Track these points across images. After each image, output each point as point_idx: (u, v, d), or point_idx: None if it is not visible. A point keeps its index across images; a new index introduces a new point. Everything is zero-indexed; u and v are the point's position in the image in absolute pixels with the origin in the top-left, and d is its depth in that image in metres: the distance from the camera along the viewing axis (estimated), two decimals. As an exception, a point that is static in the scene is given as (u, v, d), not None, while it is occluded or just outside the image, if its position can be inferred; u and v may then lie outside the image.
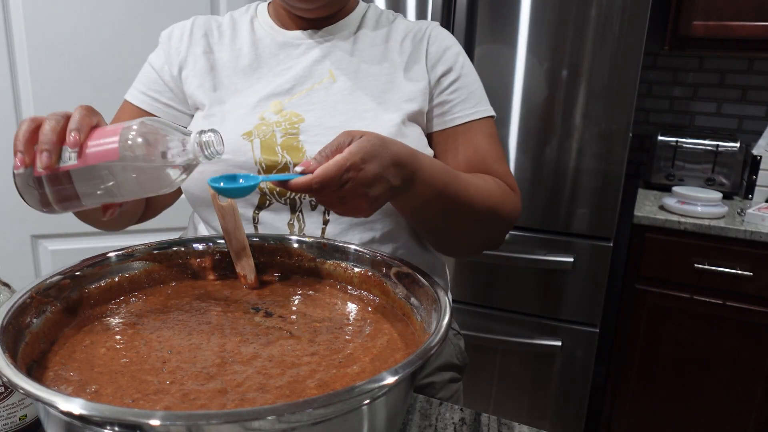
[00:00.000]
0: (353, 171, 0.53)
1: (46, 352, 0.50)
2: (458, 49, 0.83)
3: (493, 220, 0.75)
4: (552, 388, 1.86)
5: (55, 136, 0.51)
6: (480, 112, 0.80)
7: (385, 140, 0.57)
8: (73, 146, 0.51)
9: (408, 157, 0.60)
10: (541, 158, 1.71)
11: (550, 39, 1.63)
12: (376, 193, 0.56)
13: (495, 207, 0.73)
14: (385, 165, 0.56)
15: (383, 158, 0.55)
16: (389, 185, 0.57)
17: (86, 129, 0.52)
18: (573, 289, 1.77)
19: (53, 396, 0.36)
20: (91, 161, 0.51)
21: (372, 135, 0.56)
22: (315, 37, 0.81)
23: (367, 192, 0.55)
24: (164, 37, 0.83)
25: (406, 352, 0.52)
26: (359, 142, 0.54)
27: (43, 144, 0.51)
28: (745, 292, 1.66)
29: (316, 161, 0.54)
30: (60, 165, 0.51)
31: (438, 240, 0.77)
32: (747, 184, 1.93)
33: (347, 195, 0.54)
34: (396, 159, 0.57)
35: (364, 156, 0.53)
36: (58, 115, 0.53)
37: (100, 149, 0.51)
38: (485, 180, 0.75)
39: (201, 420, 0.34)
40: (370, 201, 0.56)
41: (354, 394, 0.37)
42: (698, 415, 1.79)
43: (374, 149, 0.54)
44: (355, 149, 0.53)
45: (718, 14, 1.75)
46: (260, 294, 0.64)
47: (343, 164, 0.52)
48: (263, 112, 0.76)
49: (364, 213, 0.57)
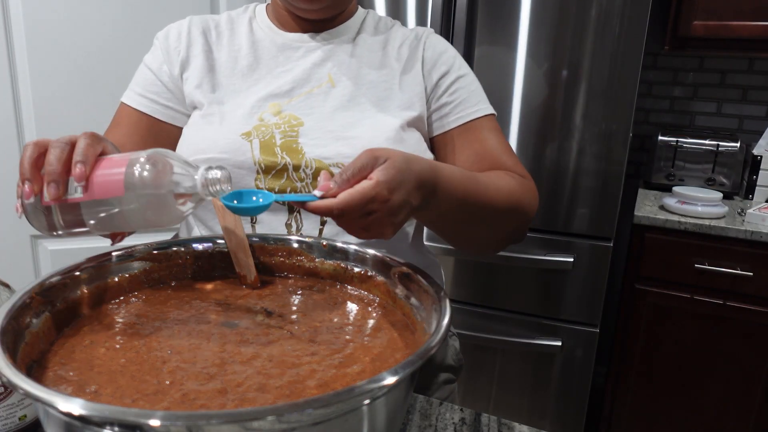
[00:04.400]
0: (378, 202, 0.51)
1: (45, 352, 0.50)
2: (454, 53, 0.83)
3: (516, 214, 0.74)
4: (552, 388, 1.86)
5: (60, 166, 0.51)
6: (481, 110, 0.80)
7: (409, 160, 0.55)
8: (79, 179, 0.50)
9: (429, 174, 0.58)
10: (541, 158, 1.71)
11: (550, 39, 1.63)
12: (400, 219, 0.55)
13: (517, 202, 0.73)
14: (409, 190, 0.54)
15: (409, 183, 0.54)
16: (411, 207, 0.56)
17: (92, 160, 0.51)
18: (573, 289, 1.77)
19: (53, 396, 0.36)
20: (97, 195, 0.50)
21: (397, 158, 0.53)
22: (315, 40, 0.81)
23: (392, 221, 0.54)
24: (161, 38, 0.82)
25: (406, 352, 0.52)
26: (386, 171, 0.52)
27: (50, 175, 0.51)
28: (745, 292, 1.66)
29: (336, 184, 0.52)
30: (67, 197, 0.51)
31: (462, 242, 0.76)
32: (747, 184, 1.93)
33: (371, 224, 0.53)
34: (419, 180, 0.56)
35: (391, 186, 0.52)
36: (62, 142, 0.52)
37: (105, 182, 0.50)
38: (502, 177, 0.74)
39: (201, 420, 0.34)
40: (393, 227, 0.55)
41: (354, 394, 0.37)
42: (698, 415, 1.79)
43: (401, 176, 0.53)
44: (383, 178, 0.51)
45: (718, 14, 1.75)
46: (260, 294, 0.64)
47: (368, 194, 0.50)
48: (262, 113, 0.76)
49: (386, 237, 0.56)
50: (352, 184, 0.52)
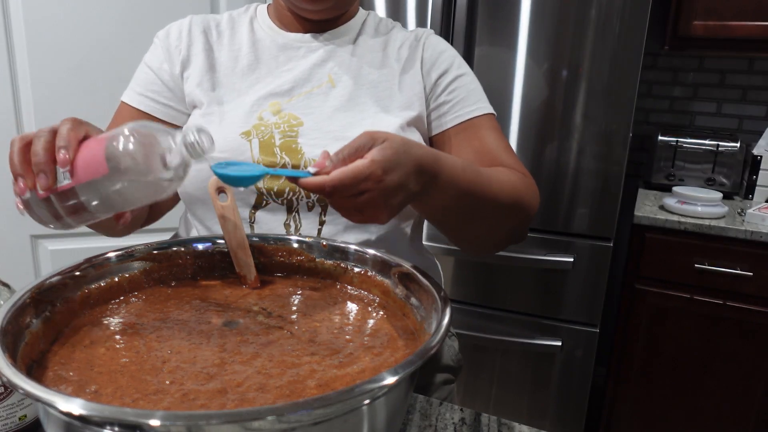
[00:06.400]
0: (372, 181, 0.50)
1: (45, 352, 0.50)
2: (453, 52, 0.83)
3: (518, 210, 0.73)
4: (552, 388, 1.86)
5: (46, 155, 0.50)
6: (481, 109, 0.80)
7: (408, 144, 0.54)
8: (63, 165, 0.50)
9: (430, 160, 0.57)
10: (541, 158, 1.71)
11: (550, 39, 1.63)
12: (395, 202, 0.53)
13: (520, 198, 0.72)
14: (407, 173, 0.53)
15: (406, 166, 0.52)
16: (409, 192, 0.54)
17: (74, 144, 0.50)
18: (573, 289, 1.77)
19: (53, 396, 0.36)
20: (83, 178, 0.50)
21: (395, 139, 0.52)
22: (316, 41, 0.81)
23: (386, 203, 0.52)
24: (161, 37, 0.82)
25: (406, 352, 0.52)
26: (382, 150, 0.51)
27: (37, 166, 0.50)
28: (745, 292, 1.66)
29: (332, 162, 0.51)
30: (57, 185, 0.50)
31: (464, 239, 0.76)
32: (747, 184, 1.93)
33: (364, 205, 0.52)
34: (418, 164, 0.54)
35: (385, 165, 0.50)
36: (45, 131, 0.51)
37: (88, 164, 0.49)
38: (504, 172, 0.73)
39: (201, 420, 0.34)
40: (388, 210, 0.53)
41: (354, 394, 0.37)
42: (698, 415, 1.79)
43: (397, 157, 0.51)
44: (378, 157, 0.50)
45: (718, 14, 1.75)
46: (260, 294, 0.64)
47: (361, 172, 0.49)
48: (261, 112, 0.76)
49: (381, 221, 0.55)
50: (347, 163, 0.51)
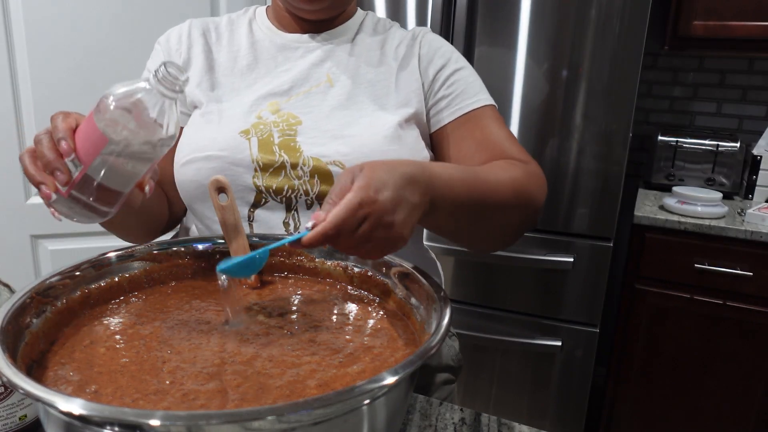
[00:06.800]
0: (367, 206, 0.49)
1: (45, 352, 0.50)
2: (451, 48, 0.83)
3: (524, 202, 0.71)
4: (552, 388, 1.86)
5: (53, 153, 0.53)
6: (481, 101, 0.80)
7: (388, 162, 0.53)
8: (67, 154, 0.52)
9: (418, 170, 0.55)
10: (541, 158, 1.71)
11: (550, 39, 1.63)
12: (401, 217, 0.52)
13: (522, 191, 0.70)
14: (398, 186, 0.51)
15: (394, 180, 0.51)
16: (410, 204, 0.53)
17: (70, 133, 0.53)
18: (573, 289, 1.77)
19: (53, 396, 0.36)
20: (91, 157, 0.52)
21: (373, 163, 0.52)
22: (314, 41, 0.82)
23: (392, 220, 0.51)
24: (162, 42, 0.84)
25: (406, 352, 0.52)
26: (363, 176, 0.50)
27: (48, 166, 0.53)
28: (745, 292, 1.66)
29: (325, 211, 0.50)
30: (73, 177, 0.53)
31: (476, 242, 0.74)
32: (747, 184, 1.93)
33: (371, 232, 0.50)
34: (406, 175, 0.53)
35: (374, 186, 0.50)
36: (42, 135, 0.54)
37: (89, 143, 0.52)
38: (503, 167, 0.71)
39: (201, 420, 0.34)
40: (400, 227, 0.52)
41: (354, 394, 0.37)
42: (698, 415, 1.79)
43: (380, 175, 0.51)
44: (362, 183, 0.49)
45: (718, 14, 1.75)
46: (260, 294, 0.64)
47: (352, 201, 0.49)
48: (260, 111, 0.76)
49: (402, 242, 0.53)
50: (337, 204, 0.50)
